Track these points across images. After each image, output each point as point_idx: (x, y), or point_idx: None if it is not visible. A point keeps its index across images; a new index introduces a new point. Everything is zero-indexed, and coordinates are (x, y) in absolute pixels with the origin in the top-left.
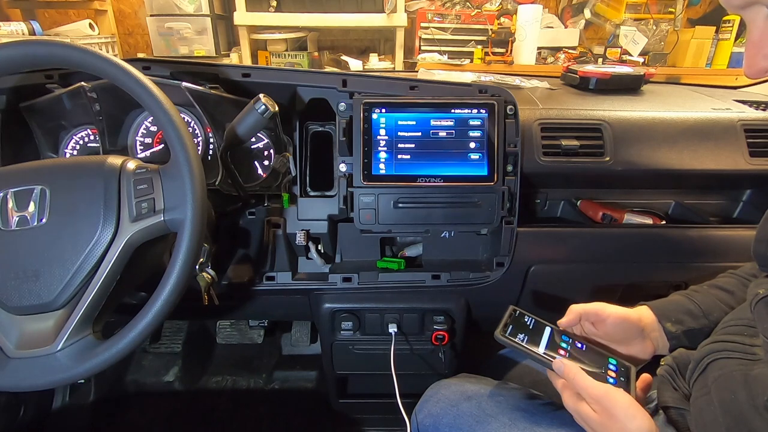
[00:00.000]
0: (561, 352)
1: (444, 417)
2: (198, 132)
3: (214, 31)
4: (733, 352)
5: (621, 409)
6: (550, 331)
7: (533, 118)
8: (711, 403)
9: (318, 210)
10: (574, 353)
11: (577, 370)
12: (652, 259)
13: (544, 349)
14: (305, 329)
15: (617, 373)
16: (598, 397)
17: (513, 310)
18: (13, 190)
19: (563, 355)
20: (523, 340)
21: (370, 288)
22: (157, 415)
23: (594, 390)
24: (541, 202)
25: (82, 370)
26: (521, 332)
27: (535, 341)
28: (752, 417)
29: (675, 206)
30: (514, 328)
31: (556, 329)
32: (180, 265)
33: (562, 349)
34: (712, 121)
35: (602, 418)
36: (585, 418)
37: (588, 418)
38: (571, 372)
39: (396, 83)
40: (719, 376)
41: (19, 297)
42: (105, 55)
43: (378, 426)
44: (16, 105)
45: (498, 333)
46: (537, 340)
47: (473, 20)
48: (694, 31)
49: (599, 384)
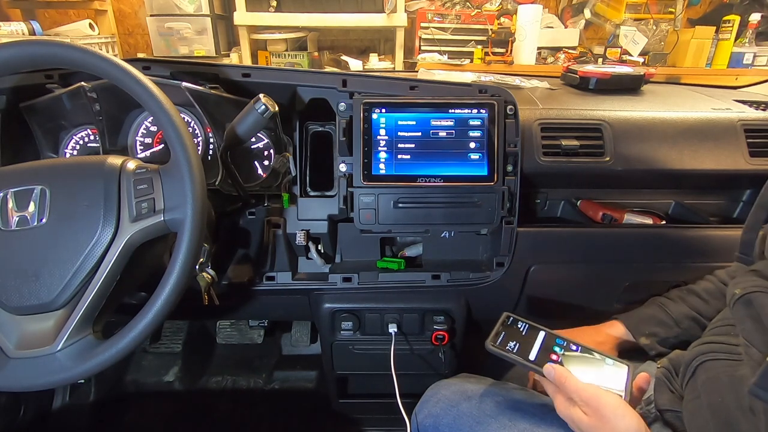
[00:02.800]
0: (554, 357)
1: (444, 417)
2: (198, 132)
3: (214, 31)
4: (719, 353)
5: (610, 409)
6: (544, 336)
7: (533, 118)
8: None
9: (318, 210)
10: (568, 357)
11: (567, 374)
12: (652, 259)
13: (536, 355)
14: (305, 329)
15: (612, 375)
16: (587, 399)
17: (506, 317)
18: (13, 190)
19: (556, 359)
20: (515, 348)
21: (370, 288)
22: (157, 415)
23: (584, 392)
24: (541, 202)
25: (82, 370)
26: (513, 340)
27: (528, 347)
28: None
29: (675, 206)
30: (506, 335)
31: (550, 333)
32: (180, 265)
33: (555, 354)
34: (712, 121)
35: (593, 420)
36: (577, 423)
37: (580, 422)
38: (561, 376)
39: (396, 83)
40: (707, 379)
41: (19, 297)
42: (105, 55)
43: (378, 426)
44: (16, 105)
45: (488, 343)
46: (529, 347)
47: (473, 20)
48: (694, 31)
49: (588, 385)
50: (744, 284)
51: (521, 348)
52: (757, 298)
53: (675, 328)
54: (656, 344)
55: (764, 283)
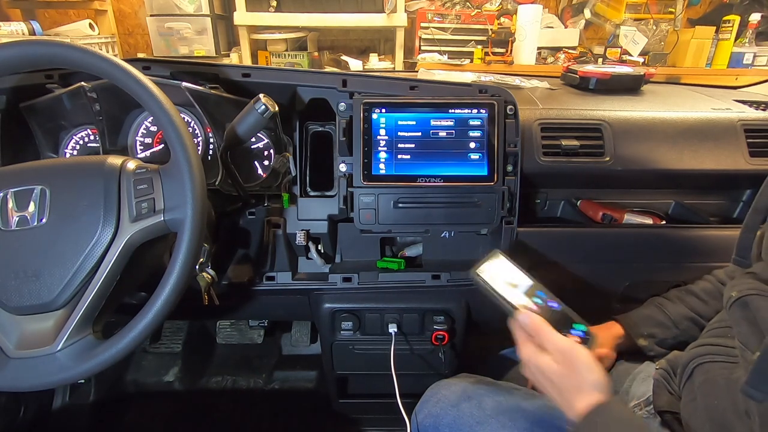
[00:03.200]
0: (532, 305)
1: (444, 417)
2: (198, 132)
3: (214, 31)
4: (716, 356)
5: (583, 360)
6: (529, 285)
7: (533, 118)
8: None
9: (318, 210)
10: (544, 309)
11: (543, 322)
12: (652, 259)
13: (516, 298)
14: (305, 329)
15: (581, 339)
16: (563, 349)
17: (497, 253)
18: (13, 190)
19: (533, 309)
20: (495, 283)
21: (370, 288)
22: (157, 415)
23: (561, 343)
24: (541, 202)
25: (82, 370)
26: (497, 276)
27: (510, 288)
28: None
29: (675, 206)
30: (492, 270)
31: (535, 283)
32: (180, 265)
33: (534, 304)
34: (712, 121)
35: (563, 368)
36: (544, 369)
37: (547, 368)
38: (536, 324)
39: (396, 83)
40: (704, 381)
41: (19, 297)
42: (105, 55)
43: (378, 426)
44: (16, 105)
45: (474, 270)
46: (512, 288)
47: (473, 20)
48: (694, 31)
49: (566, 338)
50: (740, 287)
51: (503, 287)
52: (753, 300)
53: (673, 329)
54: (654, 345)
55: (761, 286)
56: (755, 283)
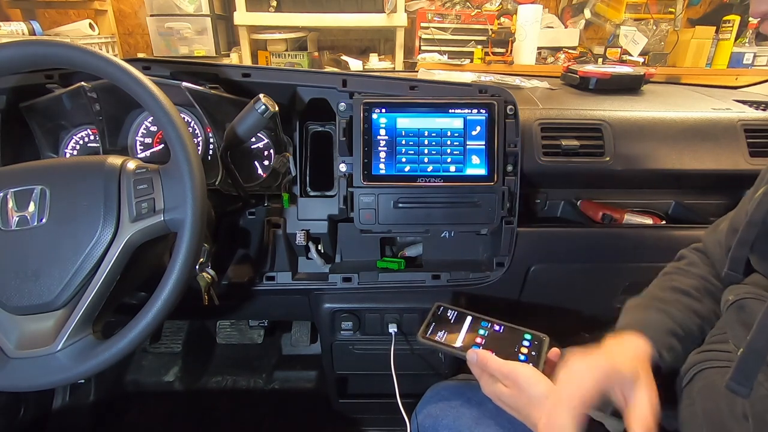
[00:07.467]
0: (478, 339)
1: (444, 418)
2: (198, 132)
3: (214, 31)
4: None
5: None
6: (470, 321)
7: (533, 118)
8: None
9: (318, 210)
10: (491, 337)
11: (488, 356)
12: (652, 259)
13: (462, 341)
14: (305, 329)
15: (530, 348)
16: (506, 373)
17: (437, 307)
18: (13, 190)
19: (480, 342)
20: (443, 338)
21: (370, 288)
22: (157, 415)
23: (503, 368)
24: (541, 202)
25: (82, 370)
26: (442, 329)
27: (455, 335)
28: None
29: (675, 206)
30: (435, 326)
31: (476, 317)
32: (180, 265)
33: (480, 336)
34: (712, 121)
35: (512, 390)
36: (500, 396)
37: (502, 395)
38: (482, 359)
39: (396, 83)
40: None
41: (19, 297)
42: (105, 55)
43: (378, 426)
44: (16, 105)
45: (419, 335)
46: (456, 334)
47: (473, 20)
48: (694, 31)
49: (506, 362)
50: (737, 291)
51: (448, 336)
52: (749, 304)
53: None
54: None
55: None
56: (752, 288)
